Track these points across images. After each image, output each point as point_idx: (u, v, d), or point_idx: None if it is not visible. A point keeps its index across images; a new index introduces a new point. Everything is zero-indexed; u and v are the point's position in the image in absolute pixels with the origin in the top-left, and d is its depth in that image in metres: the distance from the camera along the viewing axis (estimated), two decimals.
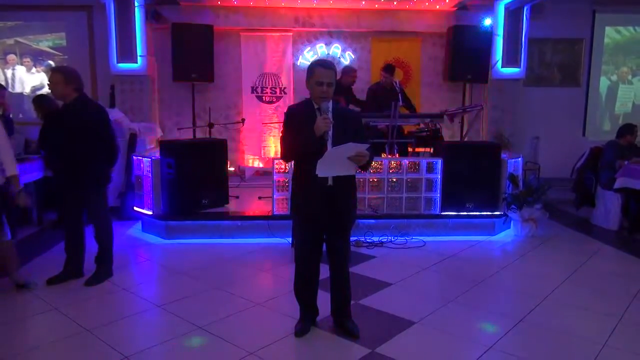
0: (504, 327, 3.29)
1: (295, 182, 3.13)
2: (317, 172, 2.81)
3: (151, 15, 6.97)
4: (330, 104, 2.98)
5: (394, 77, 6.55)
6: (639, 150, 5.90)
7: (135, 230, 5.61)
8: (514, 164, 5.71)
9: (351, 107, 6.43)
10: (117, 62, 6.75)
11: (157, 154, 5.39)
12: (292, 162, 3.17)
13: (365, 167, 2.97)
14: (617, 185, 5.65)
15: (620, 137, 6.02)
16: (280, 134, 3.10)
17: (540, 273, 4.38)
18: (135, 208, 5.60)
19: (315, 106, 2.97)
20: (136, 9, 6.66)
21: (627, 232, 5.64)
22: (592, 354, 2.95)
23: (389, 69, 6.49)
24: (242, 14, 7.30)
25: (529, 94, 7.79)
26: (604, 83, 8.37)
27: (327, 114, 2.90)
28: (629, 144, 5.96)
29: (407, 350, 2.97)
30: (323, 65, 2.96)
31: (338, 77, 6.48)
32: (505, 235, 5.53)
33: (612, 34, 8.22)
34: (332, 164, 2.84)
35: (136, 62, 6.76)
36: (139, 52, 6.75)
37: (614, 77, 8.43)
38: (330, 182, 2.95)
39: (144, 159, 5.43)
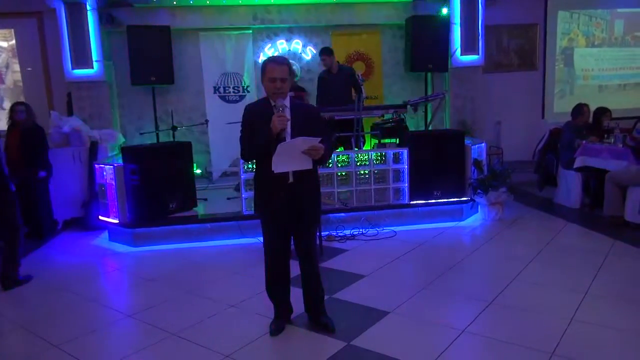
0: (475, 309, 3.35)
1: (256, 180, 3.09)
2: (272, 168, 2.79)
3: (105, 19, 6.79)
4: (287, 101, 2.94)
5: (335, 59, 6.38)
6: (595, 128, 6.08)
7: (102, 240, 5.47)
8: (477, 149, 5.81)
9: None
10: (72, 69, 6.56)
11: (120, 161, 5.26)
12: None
13: (321, 161, 2.95)
14: (576, 164, 5.82)
15: (575, 118, 6.20)
16: (240, 133, 3.06)
17: (508, 254, 4.48)
18: (101, 217, 5.45)
19: (272, 103, 2.93)
20: (89, 13, 6.49)
21: (588, 209, 5.82)
22: (561, 329, 3.03)
23: (324, 51, 6.31)
24: (199, 14, 7.18)
25: (489, 80, 7.93)
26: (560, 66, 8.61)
27: (283, 110, 2.86)
28: (585, 123, 6.14)
29: (382, 341, 2.99)
30: (274, 61, 2.92)
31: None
32: (473, 220, 5.64)
33: (566, 17, 8.44)
34: (286, 159, 2.81)
35: (92, 68, 6.59)
36: (94, 57, 6.59)
37: None
38: (291, 179, 2.93)
39: (107, 167, 5.29)
